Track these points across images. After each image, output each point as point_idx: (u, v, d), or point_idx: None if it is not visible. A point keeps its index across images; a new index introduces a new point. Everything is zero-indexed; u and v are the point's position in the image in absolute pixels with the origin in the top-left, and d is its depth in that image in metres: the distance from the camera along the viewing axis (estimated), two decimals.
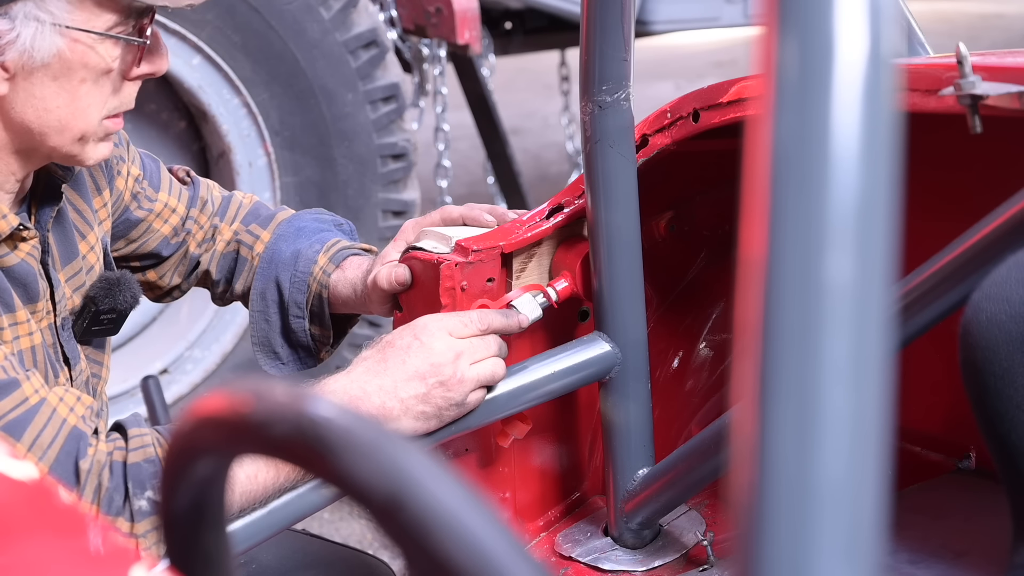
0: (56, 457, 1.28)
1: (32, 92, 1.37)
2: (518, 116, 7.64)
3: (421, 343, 1.46)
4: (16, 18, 1.33)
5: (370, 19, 3.34)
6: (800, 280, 0.59)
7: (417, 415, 1.45)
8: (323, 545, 1.73)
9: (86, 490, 1.29)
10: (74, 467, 1.29)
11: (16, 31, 1.33)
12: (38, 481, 0.71)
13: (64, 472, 1.28)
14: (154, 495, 1.29)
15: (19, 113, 1.38)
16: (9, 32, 1.33)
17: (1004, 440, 1.46)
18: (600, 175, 1.64)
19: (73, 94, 1.38)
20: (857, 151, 0.59)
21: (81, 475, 1.29)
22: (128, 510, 1.29)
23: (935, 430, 1.92)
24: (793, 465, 0.58)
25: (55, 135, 1.40)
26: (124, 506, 1.29)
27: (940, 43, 2.06)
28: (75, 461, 1.29)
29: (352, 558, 1.75)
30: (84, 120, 1.40)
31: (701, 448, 1.61)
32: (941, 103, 1.40)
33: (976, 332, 1.47)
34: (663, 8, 4.35)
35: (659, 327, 1.96)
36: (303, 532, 1.72)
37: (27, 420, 1.29)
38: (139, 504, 1.29)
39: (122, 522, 1.29)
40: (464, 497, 0.62)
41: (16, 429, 1.28)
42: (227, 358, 3.36)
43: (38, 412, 1.30)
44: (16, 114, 1.38)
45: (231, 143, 3.27)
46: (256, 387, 0.71)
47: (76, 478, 1.28)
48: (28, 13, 1.33)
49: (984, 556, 1.63)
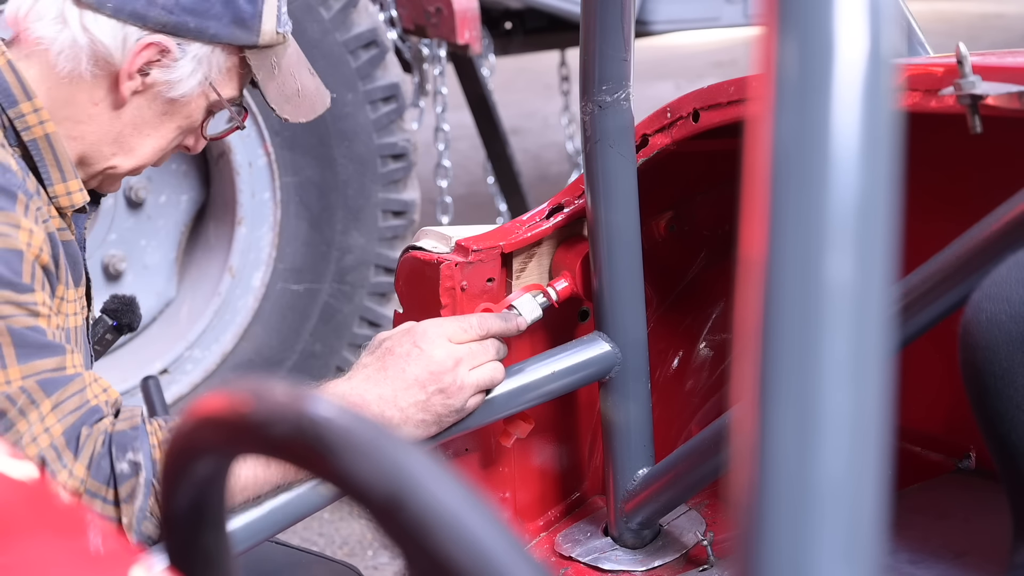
0: (71, 423, 1.33)
1: (142, 112, 1.51)
2: (518, 116, 7.64)
3: (421, 350, 1.46)
4: (187, 54, 1.48)
5: (370, 19, 3.34)
6: (800, 280, 0.59)
7: (417, 423, 1.45)
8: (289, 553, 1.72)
9: (81, 455, 1.32)
10: (78, 434, 1.33)
11: (179, 64, 1.48)
12: (38, 481, 0.71)
13: (70, 437, 1.32)
14: (134, 457, 1.33)
15: (119, 122, 1.50)
16: (174, 61, 1.47)
17: (1004, 440, 1.46)
18: (600, 175, 1.64)
19: (164, 134, 1.54)
20: (857, 151, 0.59)
21: (81, 440, 1.33)
22: (112, 476, 1.33)
23: (935, 430, 1.92)
24: (793, 465, 0.58)
25: (123, 154, 1.53)
26: (110, 473, 1.33)
27: (940, 43, 2.06)
28: (80, 428, 1.33)
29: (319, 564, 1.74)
30: (151, 158, 1.54)
31: (701, 448, 1.61)
32: (941, 103, 1.40)
33: (976, 332, 1.47)
34: (663, 8, 4.35)
35: (659, 327, 1.96)
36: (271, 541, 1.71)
37: (60, 384, 1.34)
38: (120, 468, 1.33)
39: (107, 490, 1.32)
40: (464, 497, 0.62)
41: (48, 386, 1.33)
42: (227, 358, 3.36)
43: (71, 381, 1.35)
44: (116, 121, 1.50)
45: (231, 143, 3.27)
46: (256, 387, 0.71)
47: (77, 444, 1.33)
48: (199, 57, 1.48)
49: (984, 556, 1.63)
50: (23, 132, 1.45)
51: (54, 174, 1.47)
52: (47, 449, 1.31)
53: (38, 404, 1.31)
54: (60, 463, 1.31)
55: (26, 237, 1.35)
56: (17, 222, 1.35)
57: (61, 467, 1.31)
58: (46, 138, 1.46)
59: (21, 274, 1.34)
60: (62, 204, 1.48)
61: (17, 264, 1.33)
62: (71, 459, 1.31)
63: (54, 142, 1.47)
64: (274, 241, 3.32)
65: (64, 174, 1.48)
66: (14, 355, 1.32)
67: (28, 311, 1.34)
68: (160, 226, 3.42)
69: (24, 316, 1.33)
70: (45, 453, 1.31)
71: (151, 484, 1.33)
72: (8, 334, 1.32)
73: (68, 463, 1.31)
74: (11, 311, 1.32)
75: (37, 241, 1.37)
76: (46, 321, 1.36)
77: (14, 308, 1.33)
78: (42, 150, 1.46)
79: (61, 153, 1.48)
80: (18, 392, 1.31)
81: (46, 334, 1.35)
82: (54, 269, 1.42)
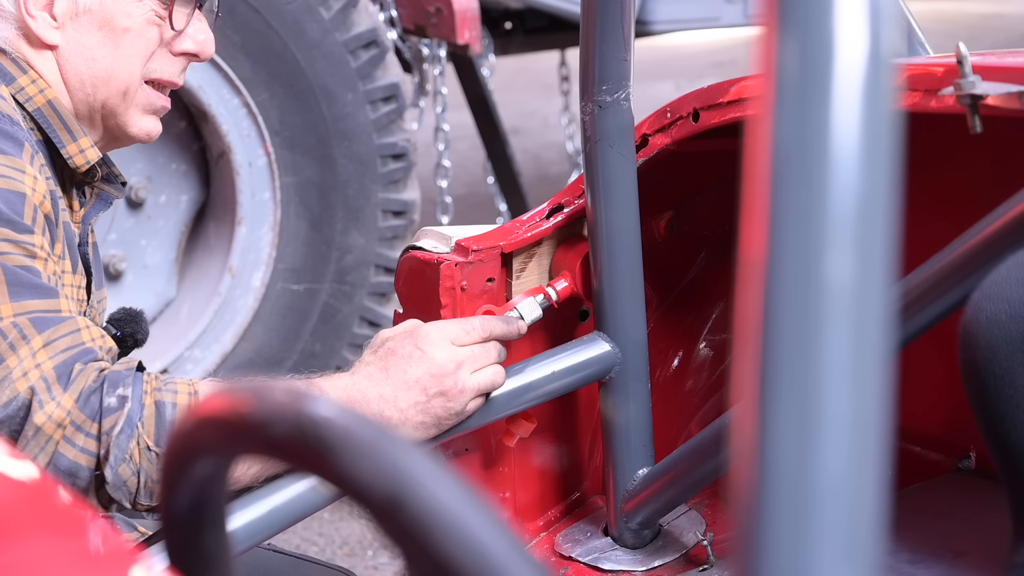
0: (62, 360, 1.31)
1: (81, 42, 1.50)
2: (518, 116, 7.64)
3: (423, 352, 1.46)
4: None
5: (370, 19, 3.34)
6: (800, 280, 0.59)
7: (416, 425, 1.45)
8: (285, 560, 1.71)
9: (71, 388, 1.30)
10: (70, 370, 1.31)
11: None
12: (38, 481, 0.71)
13: (61, 372, 1.30)
14: (124, 391, 1.31)
15: (73, 65, 1.51)
16: None
17: (1004, 440, 1.46)
18: (600, 175, 1.64)
19: (116, 43, 1.51)
20: (857, 151, 0.59)
21: (73, 374, 1.31)
22: (100, 412, 1.31)
23: (935, 430, 1.92)
24: (793, 465, 0.58)
25: (103, 86, 1.52)
26: (98, 408, 1.31)
27: (940, 43, 2.06)
28: (73, 365, 1.32)
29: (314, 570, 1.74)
30: (127, 70, 1.52)
31: (701, 448, 1.61)
32: (941, 103, 1.40)
33: (976, 332, 1.47)
34: (663, 8, 4.35)
35: (659, 327, 1.96)
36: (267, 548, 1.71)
37: (52, 323, 1.33)
38: (108, 401, 1.31)
39: (92, 424, 1.30)
40: (464, 497, 0.62)
41: (40, 324, 1.32)
42: (227, 358, 3.36)
43: (64, 322, 1.34)
44: (71, 67, 1.51)
45: (231, 143, 3.27)
46: (256, 387, 0.71)
47: (69, 378, 1.31)
48: None
49: (984, 556, 1.63)
50: (26, 104, 1.48)
51: (64, 136, 1.50)
52: (37, 382, 1.29)
53: (29, 340, 1.30)
54: (49, 395, 1.29)
55: (31, 183, 1.37)
56: (22, 167, 1.37)
57: (49, 399, 1.29)
58: (49, 104, 1.49)
59: (22, 215, 1.34)
60: (77, 163, 1.50)
61: (19, 205, 1.34)
62: (60, 392, 1.29)
63: (57, 106, 1.50)
64: (274, 241, 3.32)
65: (73, 133, 1.50)
66: (6, 292, 1.31)
67: (25, 251, 1.34)
68: (160, 226, 3.42)
69: (20, 255, 1.33)
70: (35, 385, 1.28)
71: (135, 425, 1.30)
72: (2, 272, 1.31)
73: (57, 395, 1.29)
74: (8, 248, 1.32)
75: (41, 189, 1.38)
76: (42, 264, 1.36)
77: (11, 246, 1.33)
78: (47, 116, 1.49)
79: (65, 115, 1.50)
80: (9, 327, 1.29)
81: (41, 276, 1.34)
82: (54, 226, 1.42)
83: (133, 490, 1.32)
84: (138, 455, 1.30)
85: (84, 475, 1.31)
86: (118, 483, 1.31)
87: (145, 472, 1.31)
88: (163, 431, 1.31)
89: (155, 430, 1.31)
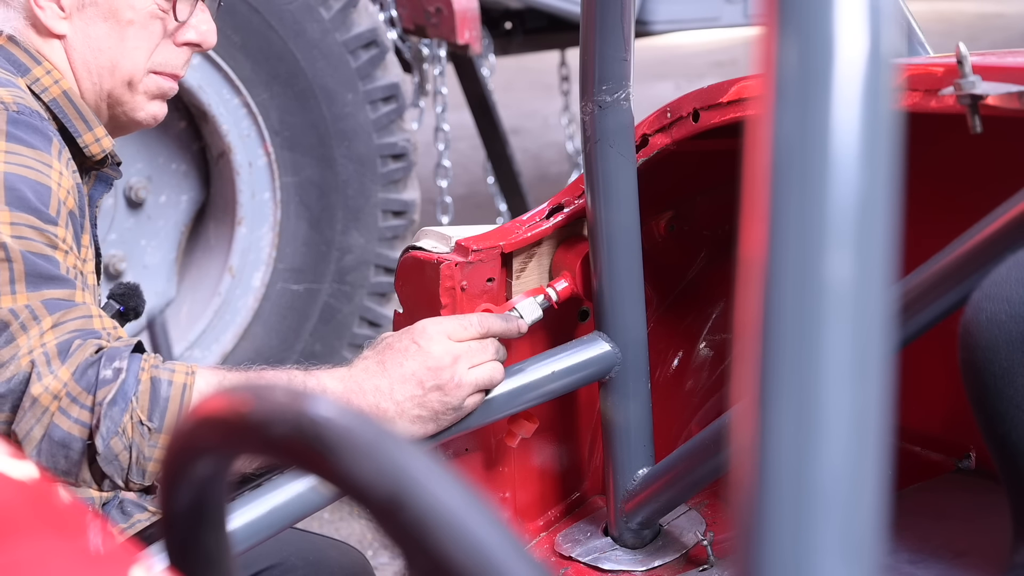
0: (67, 338, 1.32)
1: (87, 32, 1.53)
2: (518, 116, 7.64)
3: (419, 347, 1.46)
4: None
5: (370, 19, 3.34)
6: (800, 280, 0.59)
7: (413, 419, 1.45)
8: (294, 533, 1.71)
9: (68, 361, 1.31)
10: (70, 345, 1.32)
11: None
12: (38, 481, 0.71)
13: (62, 348, 1.31)
14: (120, 364, 1.32)
15: (80, 55, 1.53)
16: None
17: (1004, 440, 1.46)
18: (600, 175, 1.64)
19: (121, 35, 1.54)
20: (857, 151, 0.59)
21: (72, 349, 1.32)
22: (95, 383, 1.31)
23: (935, 430, 1.92)
24: (793, 465, 0.58)
25: (108, 76, 1.54)
26: (95, 381, 1.31)
27: (940, 43, 2.06)
28: (74, 341, 1.33)
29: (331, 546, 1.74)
30: (132, 61, 1.54)
31: (701, 448, 1.61)
32: (941, 103, 1.40)
33: (976, 332, 1.46)
34: (663, 8, 4.35)
35: (659, 327, 1.96)
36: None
37: (64, 306, 1.34)
38: (104, 374, 1.31)
39: (87, 396, 1.31)
40: (464, 497, 0.62)
41: (53, 306, 1.33)
42: (227, 358, 3.36)
43: (77, 307, 1.35)
44: (79, 57, 1.54)
45: (231, 143, 3.27)
46: (256, 387, 0.71)
47: (68, 352, 1.32)
48: None
49: (984, 556, 1.63)
50: (42, 94, 1.51)
51: (80, 125, 1.53)
52: (39, 357, 1.30)
53: (40, 320, 1.31)
54: (48, 368, 1.30)
55: (56, 177, 1.39)
56: (50, 163, 1.39)
57: (48, 372, 1.30)
58: (64, 95, 1.52)
59: (48, 206, 1.37)
60: (93, 152, 1.53)
61: (46, 196, 1.37)
62: (59, 365, 1.30)
63: (72, 96, 1.53)
64: (274, 241, 3.32)
65: (88, 123, 1.53)
66: (24, 284, 1.33)
67: (48, 240, 1.36)
68: (160, 226, 3.42)
69: (42, 244, 1.35)
70: (36, 359, 1.30)
71: (129, 399, 1.30)
72: (22, 261, 1.33)
73: (56, 368, 1.30)
74: (30, 235, 1.34)
75: (66, 184, 1.41)
76: (63, 256, 1.37)
77: (34, 232, 1.35)
78: (63, 106, 1.52)
79: (80, 105, 1.53)
80: (23, 308, 1.31)
81: (60, 267, 1.36)
82: (80, 219, 1.45)
83: (125, 465, 1.32)
84: (131, 429, 1.30)
85: (77, 446, 1.31)
86: (109, 456, 1.31)
87: (137, 447, 1.31)
88: (157, 407, 1.32)
89: (149, 405, 1.31)
